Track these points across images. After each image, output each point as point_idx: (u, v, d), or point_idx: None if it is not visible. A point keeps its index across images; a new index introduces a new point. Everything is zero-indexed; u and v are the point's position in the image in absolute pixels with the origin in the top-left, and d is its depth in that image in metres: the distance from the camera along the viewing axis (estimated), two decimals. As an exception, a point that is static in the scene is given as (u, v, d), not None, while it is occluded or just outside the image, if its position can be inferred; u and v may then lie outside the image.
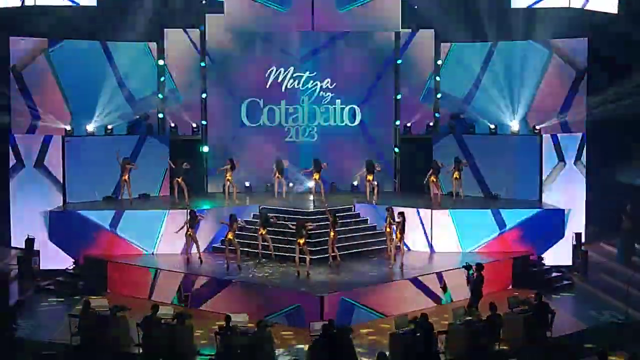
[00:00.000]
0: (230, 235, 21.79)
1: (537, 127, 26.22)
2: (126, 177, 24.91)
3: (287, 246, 22.49)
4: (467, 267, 19.57)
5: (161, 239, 23.70)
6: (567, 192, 26.22)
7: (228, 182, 25.48)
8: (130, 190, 25.12)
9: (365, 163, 25.40)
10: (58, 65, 26.00)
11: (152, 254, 23.55)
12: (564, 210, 24.49)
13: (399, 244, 22.13)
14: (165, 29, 27.42)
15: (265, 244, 22.36)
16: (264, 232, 22.27)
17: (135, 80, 27.03)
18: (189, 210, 22.87)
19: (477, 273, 19.38)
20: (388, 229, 22.31)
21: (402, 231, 21.89)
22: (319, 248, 22.28)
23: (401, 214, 22.06)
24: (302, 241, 21.16)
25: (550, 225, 24.14)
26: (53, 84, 26.03)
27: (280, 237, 22.88)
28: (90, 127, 25.97)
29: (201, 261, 22.44)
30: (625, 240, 25.02)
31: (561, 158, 26.31)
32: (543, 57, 26.84)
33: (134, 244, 23.63)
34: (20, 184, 25.68)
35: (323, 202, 24.77)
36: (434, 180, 25.04)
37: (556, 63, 26.72)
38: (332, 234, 21.89)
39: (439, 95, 28.21)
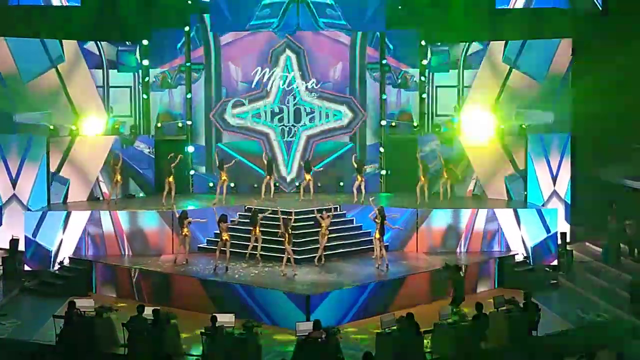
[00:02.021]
0: (225, 236, 21.63)
1: (524, 125, 26.31)
2: (118, 177, 24.98)
3: (273, 246, 22.43)
4: (446, 268, 19.56)
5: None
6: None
7: (222, 182, 24.95)
8: (117, 191, 25.25)
9: (355, 163, 25.44)
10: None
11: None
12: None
13: (380, 244, 21.86)
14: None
15: (255, 244, 22.31)
16: (258, 233, 22.23)
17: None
18: (180, 211, 22.70)
19: (457, 274, 19.38)
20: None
21: (382, 231, 21.76)
22: (304, 248, 22.22)
23: (379, 211, 21.91)
24: (286, 238, 21.04)
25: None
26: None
27: (267, 237, 22.73)
28: None
29: (186, 261, 22.37)
30: (610, 239, 25.07)
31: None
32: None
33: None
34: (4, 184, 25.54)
35: (312, 200, 24.83)
36: (423, 179, 25.10)
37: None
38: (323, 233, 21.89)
39: (424, 95, 28.26)
